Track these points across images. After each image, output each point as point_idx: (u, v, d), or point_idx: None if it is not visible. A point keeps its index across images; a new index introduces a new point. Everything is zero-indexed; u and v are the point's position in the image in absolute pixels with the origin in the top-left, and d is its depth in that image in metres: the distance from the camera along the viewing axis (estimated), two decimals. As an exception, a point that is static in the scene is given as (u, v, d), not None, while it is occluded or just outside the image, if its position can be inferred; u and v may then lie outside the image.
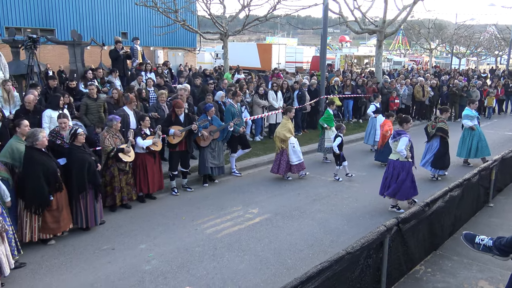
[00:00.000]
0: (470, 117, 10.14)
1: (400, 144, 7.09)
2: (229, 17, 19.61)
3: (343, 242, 6.18)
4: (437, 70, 30.89)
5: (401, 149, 7.06)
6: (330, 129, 10.25)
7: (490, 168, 6.97)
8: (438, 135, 9.04)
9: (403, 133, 7.22)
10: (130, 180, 7.39)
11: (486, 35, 46.32)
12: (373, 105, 11.69)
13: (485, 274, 4.94)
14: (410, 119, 7.81)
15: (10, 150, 5.80)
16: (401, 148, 7.06)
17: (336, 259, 3.17)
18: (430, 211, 4.86)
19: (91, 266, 5.48)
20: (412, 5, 16.68)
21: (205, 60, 35.01)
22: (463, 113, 10.46)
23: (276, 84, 12.94)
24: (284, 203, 7.82)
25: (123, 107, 8.40)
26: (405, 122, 7.60)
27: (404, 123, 7.58)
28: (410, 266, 4.78)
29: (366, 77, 17.94)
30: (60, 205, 5.95)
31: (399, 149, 7.10)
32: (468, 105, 10.48)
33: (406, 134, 7.21)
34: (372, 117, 11.49)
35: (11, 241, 5.16)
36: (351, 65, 34.41)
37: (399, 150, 7.11)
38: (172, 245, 6.09)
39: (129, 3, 24.37)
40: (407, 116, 7.86)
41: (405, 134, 7.20)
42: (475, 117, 10.27)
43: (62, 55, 21.31)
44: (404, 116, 7.83)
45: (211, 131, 8.48)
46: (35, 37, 10.56)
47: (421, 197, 7.36)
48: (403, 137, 7.11)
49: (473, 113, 10.26)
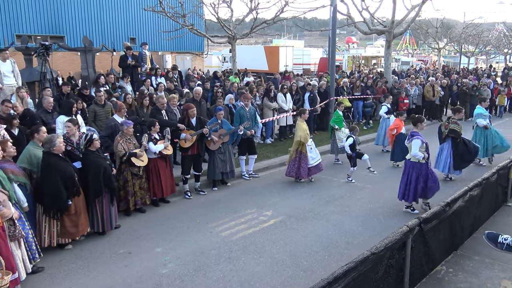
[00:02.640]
0: (483, 116, 10.00)
1: (413, 148, 6.94)
2: (236, 20, 19.68)
3: (358, 243, 6.14)
4: (446, 70, 30.65)
5: (415, 152, 6.92)
6: (340, 130, 10.17)
7: (508, 167, 6.88)
8: (450, 137, 8.82)
9: (416, 134, 7.03)
10: (143, 185, 7.40)
11: (494, 33, 45.89)
12: (385, 106, 11.61)
13: (508, 273, 4.86)
14: (424, 119, 7.60)
15: (28, 156, 5.85)
16: (415, 152, 6.92)
17: (361, 260, 3.14)
18: (450, 211, 4.81)
19: (108, 270, 5.49)
20: (421, 5, 16.57)
21: (213, 63, 35.13)
22: (475, 112, 10.29)
23: (285, 86, 12.92)
24: (298, 205, 7.79)
25: (113, 116, 8.09)
26: (419, 122, 7.36)
27: (418, 123, 7.35)
28: (431, 267, 4.72)
29: (375, 78, 17.84)
30: (78, 210, 5.99)
31: (413, 153, 6.96)
32: (479, 104, 10.35)
33: (418, 135, 7.00)
34: (384, 117, 11.41)
35: (32, 244, 5.21)
36: (359, 66, 34.28)
37: (413, 154, 6.96)
38: (188, 248, 6.08)
39: (137, 8, 24.58)
40: (420, 116, 7.65)
41: (418, 135, 7.00)
42: (487, 116, 10.14)
43: (72, 62, 21.59)
44: (418, 116, 7.59)
45: (221, 135, 8.44)
46: (48, 44, 10.68)
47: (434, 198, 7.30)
48: (415, 140, 6.93)
49: (486, 112, 10.14)
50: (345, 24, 19.88)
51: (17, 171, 5.49)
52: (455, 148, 8.77)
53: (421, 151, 6.93)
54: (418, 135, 7.02)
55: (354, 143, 9.07)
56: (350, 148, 9.01)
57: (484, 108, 10.20)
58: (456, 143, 8.78)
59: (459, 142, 8.79)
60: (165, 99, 8.62)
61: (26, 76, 11.43)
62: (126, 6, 25.34)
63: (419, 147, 6.90)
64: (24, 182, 5.53)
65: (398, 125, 9.94)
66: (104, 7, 24.47)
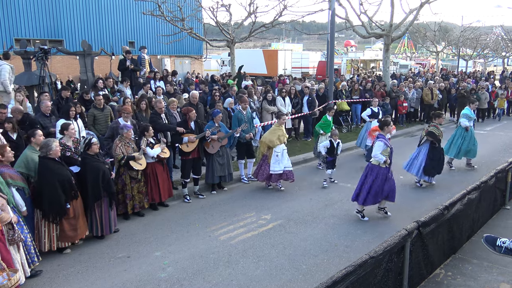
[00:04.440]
0: (468, 117, 9.98)
1: (374, 149, 6.87)
2: (235, 24, 19.74)
3: (357, 247, 6.15)
4: (444, 73, 30.75)
5: (375, 154, 6.83)
6: (325, 135, 9.95)
7: (506, 171, 6.90)
8: (429, 140, 8.67)
9: (381, 137, 6.93)
10: (142, 189, 7.39)
11: (492, 36, 46.09)
12: (369, 109, 11.45)
13: (506, 277, 4.87)
14: (391, 122, 7.22)
15: (25, 160, 5.85)
16: (375, 153, 6.83)
17: (360, 264, 3.14)
18: (449, 214, 4.82)
19: (107, 274, 5.48)
20: (419, 8, 16.66)
21: (212, 67, 35.22)
22: (462, 112, 10.23)
23: (284, 90, 12.94)
24: (297, 208, 7.79)
25: (118, 119, 8.06)
26: (386, 125, 7.07)
27: (385, 126, 7.07)
28: (430, 270, 4.73)
29: (373, 81, 17.90)
30: (77, 213, 5.99)
31: (373, 153, 6.90)
32: (468, 105, 10.32)
33: (383, 138, 6.88)
34: (368, 121, 11.33)
35: (30, 248, 5.21)
36: (357, 69, 34.38)
37: (373, 155, 6.91)
38: (186, 252, 6.08)
39: (136, 12, 24.62)
40: (387, 120, 7.29)
41: (382, 138, 6.88)
42: (473, 118, 10.12)
43: (71, 66, 21.62)
44: (384, 120, 7.31)
45: (219, 138, 8.44)
46: (47, 48, 10.69)
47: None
48: (378, 141, 6.87)
49: (472, 114, 10.11)
50: (344, 27, 19.94)
51: (15, 176, 5.49)
52: (430, 152, 8.61)
53: (384, 155, 6.81)
54: (383, 137, 6.91)
55: (332, 147, 8.85)
56: (328, 151, 8.84)
57: (472, 111, 10.18)
58: (433, 148, 8.63)
59: (436, 148, 8.64)
60: (163, 103, 8.61)
61: (25, 80, 11.44)
62: (125, 10, 25.40)
63: (382, 150, 6.80)
64: (22, 186, 5.54)
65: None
66: (103, 11, 24.52)
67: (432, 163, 8.62)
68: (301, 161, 11.16)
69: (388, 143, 6.88)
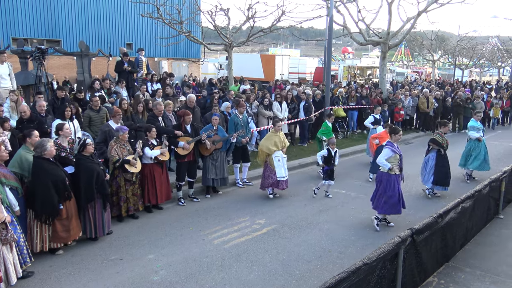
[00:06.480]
0: (476, 129, 10.07)
1: (380, 156, 6.84)
2: (233, 28, 19.76)
3: (351, 253, 6.15)
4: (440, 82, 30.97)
5: (380, 160, 6.81)
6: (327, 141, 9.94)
7: (500, 180, 6.94)
8: (435, 148, 8.66)
9: (388, 144, 6.91)
10: (136, 191, 7.35)
11: (488, 46, 46.50)
12: (372, 116, 11.53)
13: (499, 285, 4.88)
14: (400, 130, 7.16)
15: (19, 160, 5.81)
16: (380, 159, 6.81)
17: (353, 270, 3.14)
18: (443, 222, 4.83)
19: (99, 277, 5.44)
20: (416, 17, 16.79)
21: (209, 70, 35.23)
22: (468, 125, 10.32)
23: (279, 95, 12.97)
24: (291, 213, 7.79)
25: (108, 122, 8.01)
26: (393, 133, 7.05)
27: (393, 134, 7.05)
28: (423, 278, 4.74)
29: (370, 88, 17.99)
30: (70, 214, 5.95)
31: (378, 159, 6.88)
32: (473, 116, 10.42)
33: (391, 145, 6.87)
34: (371, 128, 11.41)
35: (23, 248, 5.18)
36: (354, 76, 34.52)
37: (378, 161, 6.90)
38: (180, 255, 6.05)
39: (134, 14, 24.62)
40: (396, 127, 7.28)
41: (390, 145, 6.86)
42: (481, 128, 10.21)
43: (67, 66, 21.52)
44: (394, 127, 7.30)
45: (214, 141, 8.43)
46: (44, 48, 10.66)
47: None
48: (384, 148, 6.85)
49: (479, 125, 10.20)
50: (341, 34, 20.05)
51: (9, 175, 5.46)
52: (437, 160, 8.59)
53: (392, 163, 6.79)
54: (391, 145, 6.90)
55: (330, 156, 8.66)
56: (325, 160, 8.69)
57: (478, 121, 10.27)
58: (440, 155, 8.62)
59: (443, 156, 8.62)
60: (162, 106, 8.61)
61: (21, 80, 11.38)
62: (123, 11, 25.38)
63: (389, 156, 6.78)
64: (15, 186, 5.50)
65: (382, 136, 9.42)
66: (101, 12, 24.49)
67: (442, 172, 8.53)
68: (297, 166, 11.17)
69: (396, 150, 6.85)
